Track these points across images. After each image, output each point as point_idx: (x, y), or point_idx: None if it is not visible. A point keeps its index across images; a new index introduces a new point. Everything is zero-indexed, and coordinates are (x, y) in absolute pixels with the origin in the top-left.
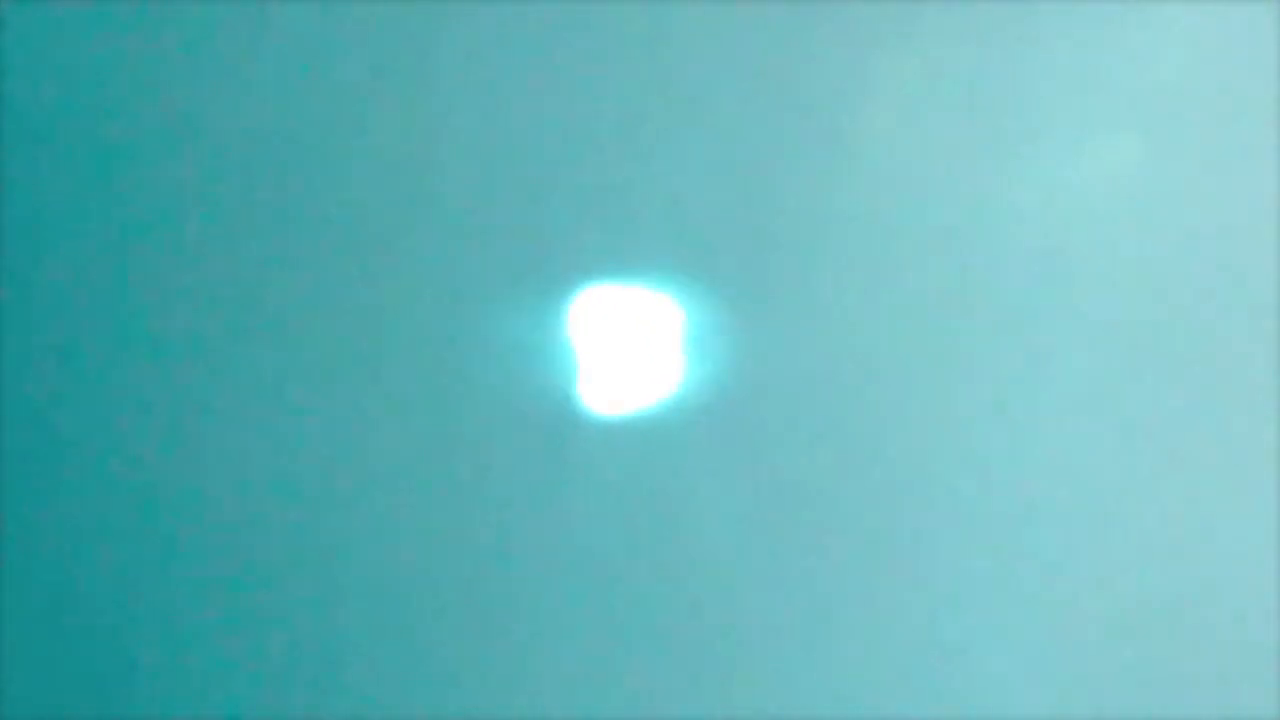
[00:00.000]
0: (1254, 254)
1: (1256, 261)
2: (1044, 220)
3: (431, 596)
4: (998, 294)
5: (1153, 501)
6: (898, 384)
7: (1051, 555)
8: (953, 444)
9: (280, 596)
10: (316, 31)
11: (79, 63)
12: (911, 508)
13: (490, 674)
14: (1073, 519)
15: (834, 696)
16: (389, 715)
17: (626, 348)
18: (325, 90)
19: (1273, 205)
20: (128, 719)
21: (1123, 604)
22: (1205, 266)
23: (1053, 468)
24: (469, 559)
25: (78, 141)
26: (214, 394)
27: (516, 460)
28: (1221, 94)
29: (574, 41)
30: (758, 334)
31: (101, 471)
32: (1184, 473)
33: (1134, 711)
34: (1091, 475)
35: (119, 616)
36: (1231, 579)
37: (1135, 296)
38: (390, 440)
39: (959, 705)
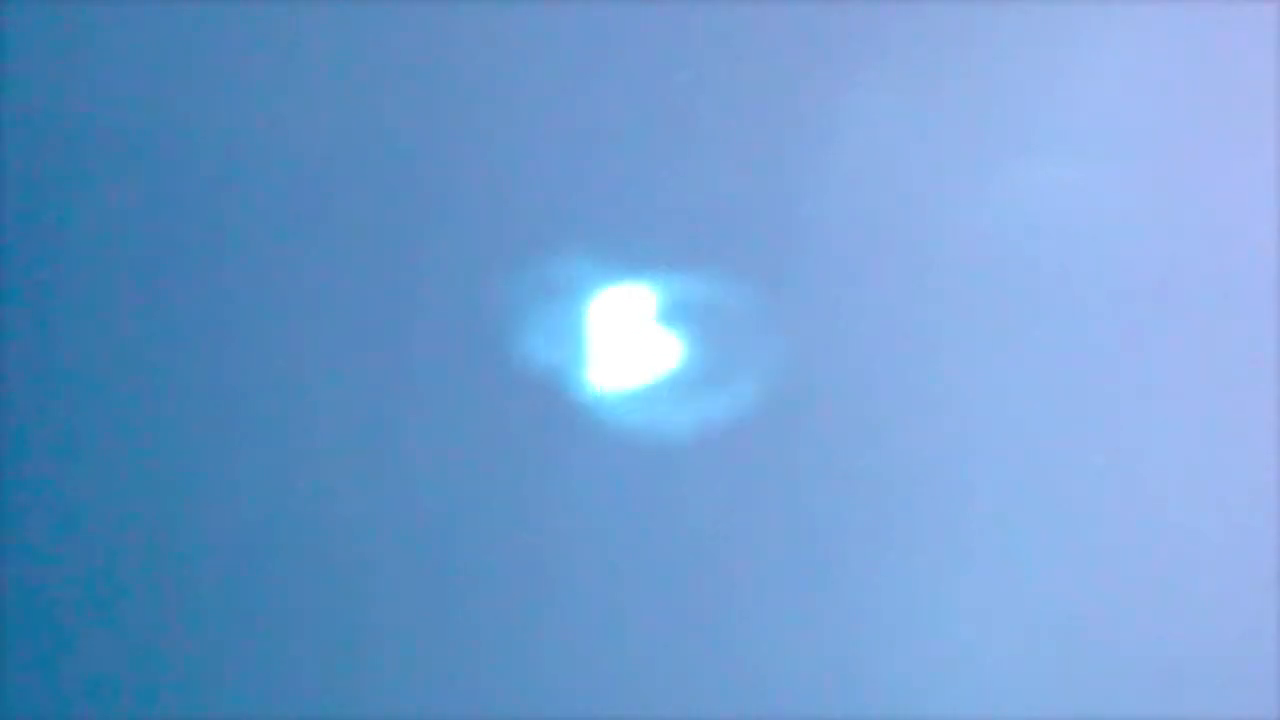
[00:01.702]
0: (1201, 254)
1: (1205, 261)
2: (1008, 227)
3: (434, 586)
4: (975, 294)
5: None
6: (878, 375)
7: (1046, 554)
8: (924, 428)
9: (285, 585)
10: (321, 32)
11: (79, 62)
12: (896, 492)
13: (492, 659)
14: (1058, 515)
15: (821, 687)
16: (388, 699)
17: (626, 339)
18: (330, 91)
19: (1203, 211)
20: (128, 719)
21: (1121, 606)
22: (1154, 270)
23: (1036, 456)
24: (469, 545)
25: (78, 141)
26: (228, 388)
27: (520, 448)
28: (1166, 119)
29: (584, 57)
30: (750, 328)
31: (112, 464)
32: (1163, 466)
33: (1134, 711)
34: (1081, 466)
35: (121, 616)
36: (1230, 580)
37: (1094, 294)
38: (394, 436)
39: (959, 704)
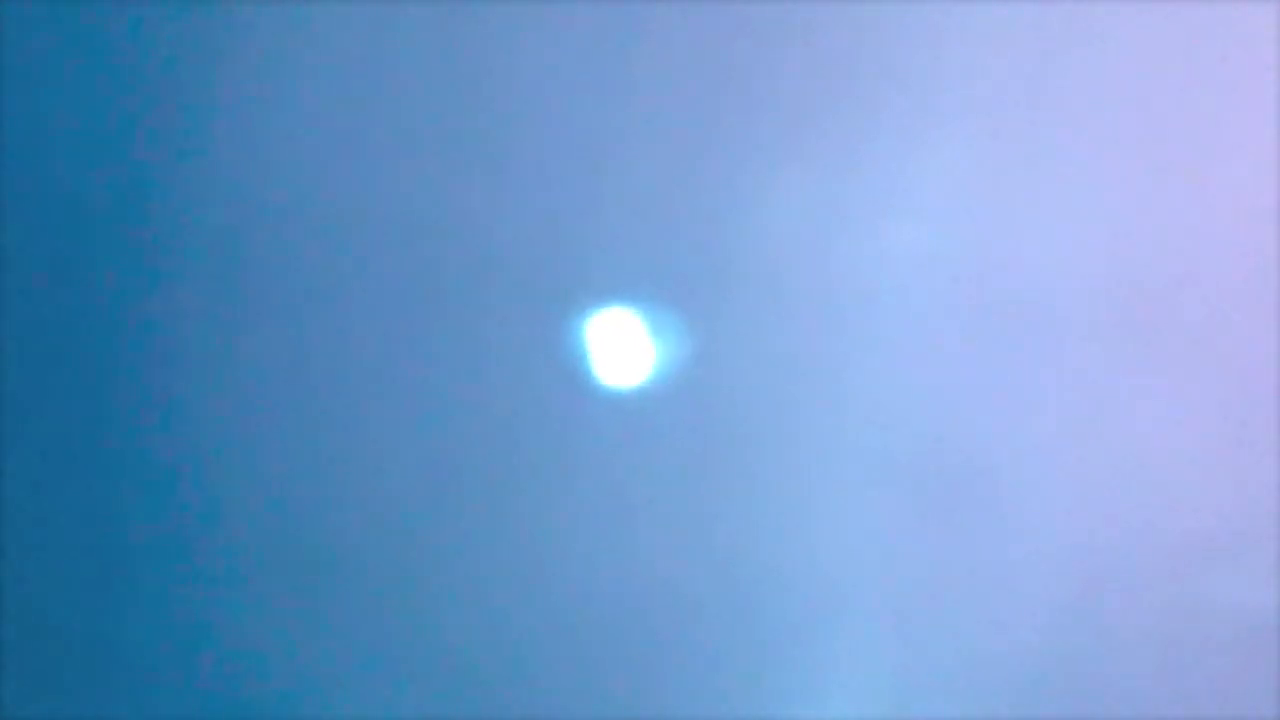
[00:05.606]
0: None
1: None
2: (882, 274)
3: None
4: (862, 317)
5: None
6: (804, 380)
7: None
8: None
9: (286, 586)
10: (316, 37)
11: (78, 62)
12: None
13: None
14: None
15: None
16: (389, 697)
17: (609, 351)
18: (328, 96)
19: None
20: (127, 719)
21: (1113, 606)
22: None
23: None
24: (468, 545)
25: (77, 140)
26: (237, 393)
27: (514, 450)
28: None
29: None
30: (699, 344)
31: (114, 466)
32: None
33: (1133, 710)
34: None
35: (122, 614)
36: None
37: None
38: (396, 437)
39: (949, 704)
